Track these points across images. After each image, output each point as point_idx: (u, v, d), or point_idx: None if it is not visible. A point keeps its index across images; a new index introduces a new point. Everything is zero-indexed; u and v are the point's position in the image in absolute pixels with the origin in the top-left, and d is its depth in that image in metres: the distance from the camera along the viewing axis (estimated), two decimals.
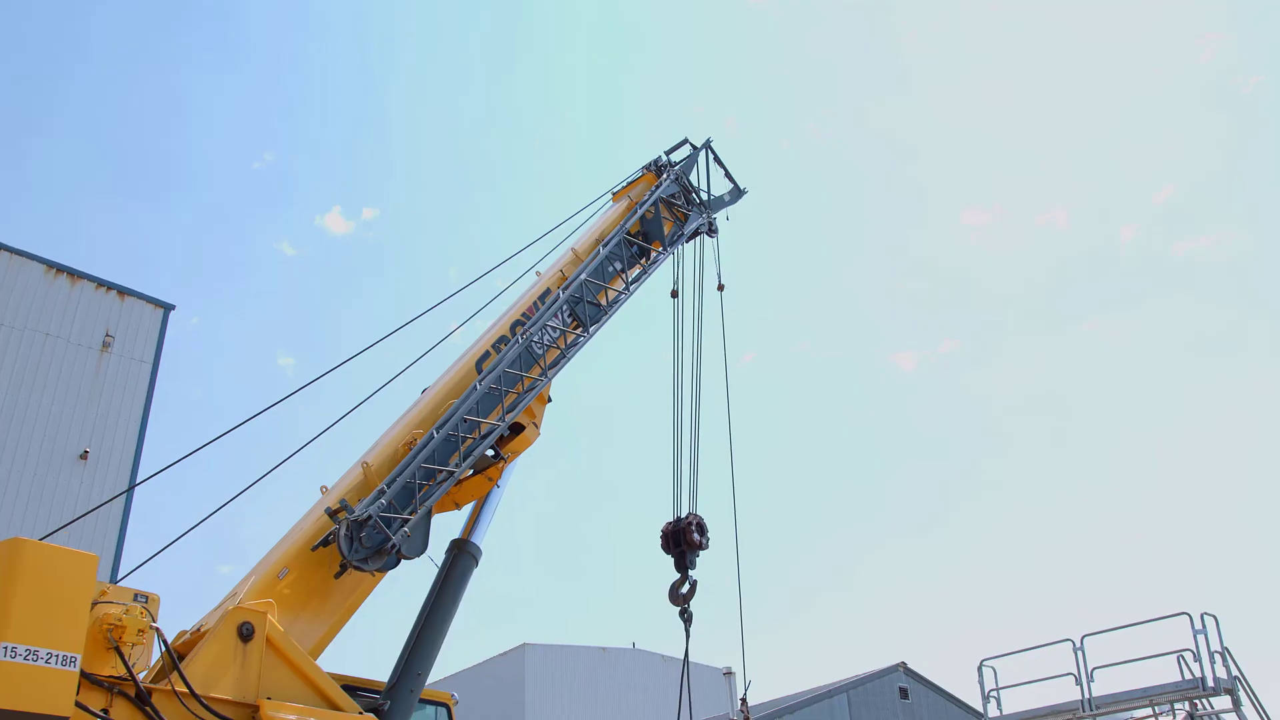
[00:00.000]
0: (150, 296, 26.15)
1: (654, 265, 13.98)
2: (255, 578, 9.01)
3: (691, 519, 13.61)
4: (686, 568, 13.49)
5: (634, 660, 47.11)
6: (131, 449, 24.72)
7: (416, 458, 10.09)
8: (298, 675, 8.58)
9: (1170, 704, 14.67)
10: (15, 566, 6.75)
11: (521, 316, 12.12)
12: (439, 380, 11.55)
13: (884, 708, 35.89)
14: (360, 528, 9.36)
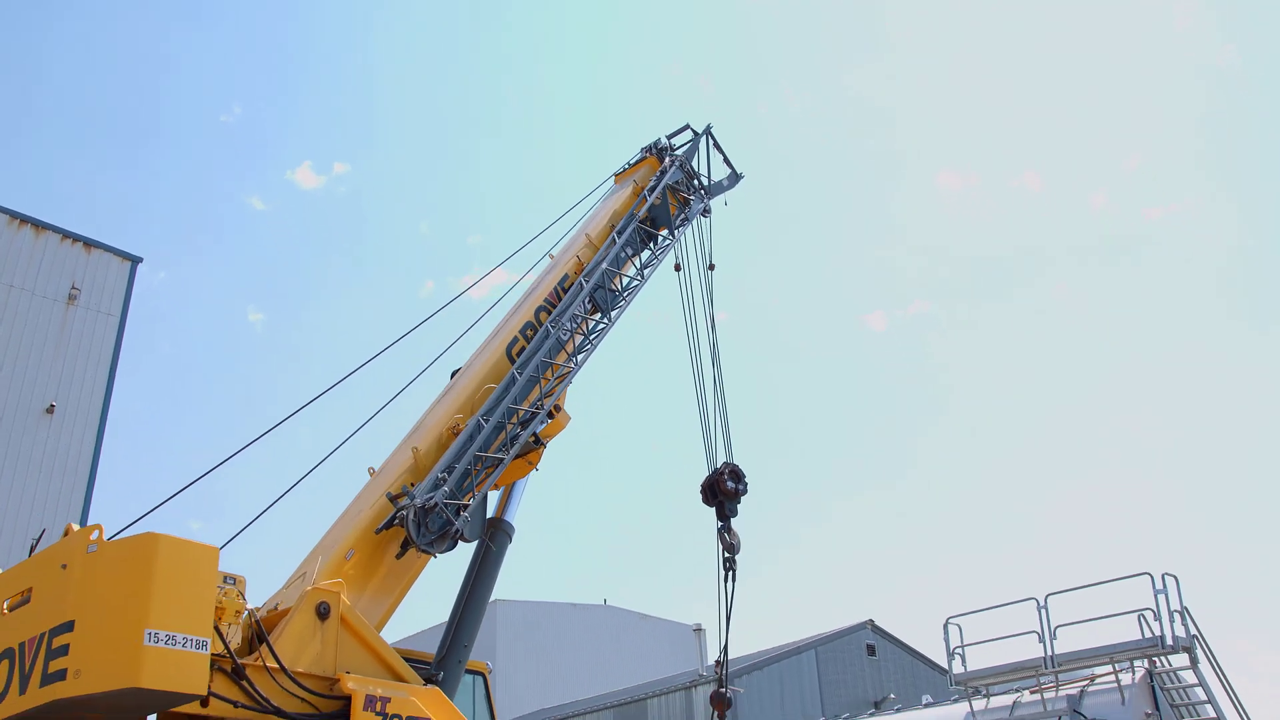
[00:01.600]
0: (117, 249, 25.86)
1: (664, 251, 14.53)
2: (323, 559, 9.42)
3: (724, 468, 13.82)
4: (727, 517, 13.68)
5: (605, 617, 47.59)
6: (99, 403, 24.53)
7: (470, 446, 10.62)
8: (368, 650, 9.08)
9: (1130, 661, 14.72)
10: (152, 559, 7.21)
11: (545, 302, 12.65)
12: (470, 365, 12.04)
13: (851, 664, 36.44)
14: (426, 514, 9.82)
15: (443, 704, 9.27)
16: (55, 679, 6.90)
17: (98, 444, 24.25)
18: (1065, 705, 14.50)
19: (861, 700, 33.04)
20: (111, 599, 7.05)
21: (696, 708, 33.20)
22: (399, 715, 8.64)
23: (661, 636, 51.36)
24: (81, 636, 6.95)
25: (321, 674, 8.55)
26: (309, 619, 8.59)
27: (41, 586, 7.45)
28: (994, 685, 16.02)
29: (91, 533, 7.34)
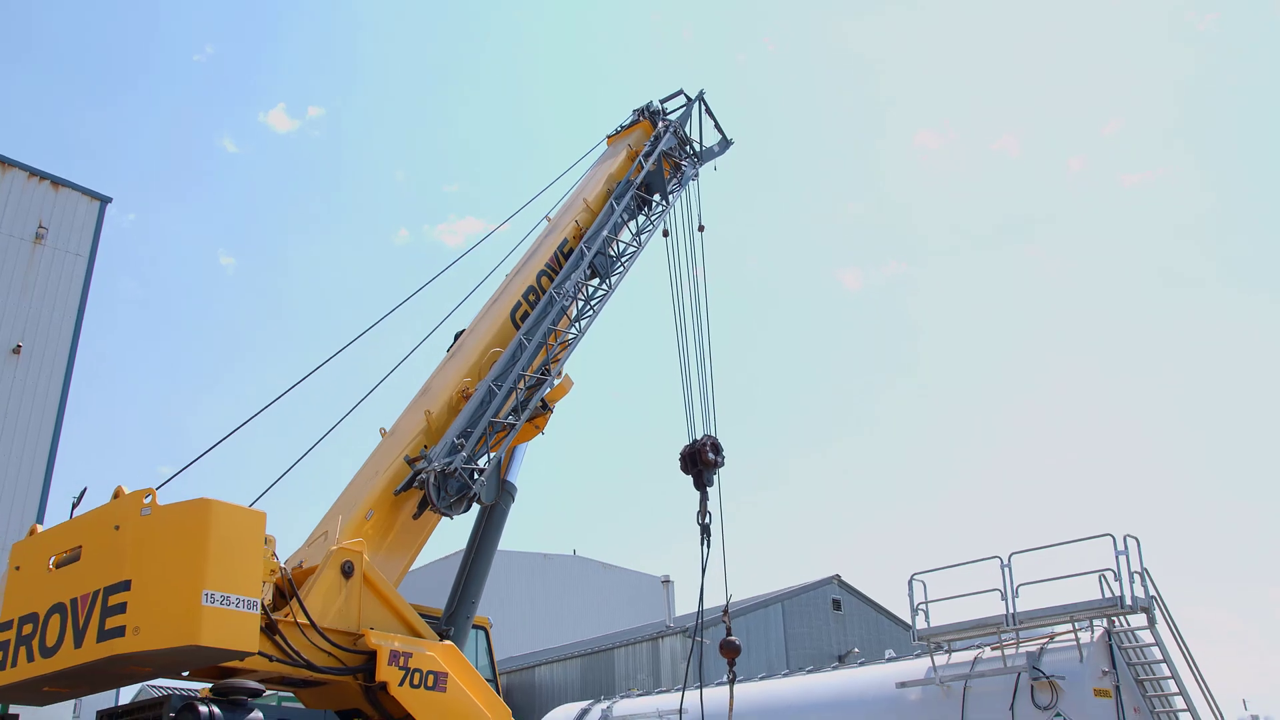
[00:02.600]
0: (86, 188, 25.88)
1: (659, 217, 15.01)
2: (343, 518, 9.87)
3: (706, 440, 14.41)
4: (704, 485, 14.33)
5: (574, 567, 48.24)
6: (66, 344, 24.70)
7: (484, 412, 11.14)
8: (388, 607, 9.61)
9: (1089, 620, 15.27)
10: (206, 523, 7.71)
11: (546, 267, 13.10)
12: (475, 328, 12.49)
13: (817, 618, 37.03)
14: (445, 479, 10.40)
15: (458, 658, 9.88)
16: (113, 635, 7.38)
17: (65, 385, 24.47)
18: (1025, 662, 15.00)
19: (826, 654, 33.79)
20: (168, 561, 7.53)
21: (663, 658, 33.88)
22: (420, 669, 9.26)
23: (630, 587, 52.27)
24: (139, 595, 7.42)
25: (346, 630, 9.09)
26: (335, 577, 9.10)
27: (92, 546, 7.88)
28: (956, 641, 16.62)
29: (144, 496, 7.78)
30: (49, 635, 7.84)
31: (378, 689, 9.14)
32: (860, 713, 17.01)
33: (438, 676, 9.42)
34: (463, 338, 12.53)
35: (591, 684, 35.06)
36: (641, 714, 20.42)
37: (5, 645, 8.19)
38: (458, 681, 9.63)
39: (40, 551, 8.35)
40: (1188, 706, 14.92)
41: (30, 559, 8.41)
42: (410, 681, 9.16)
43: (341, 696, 9.49)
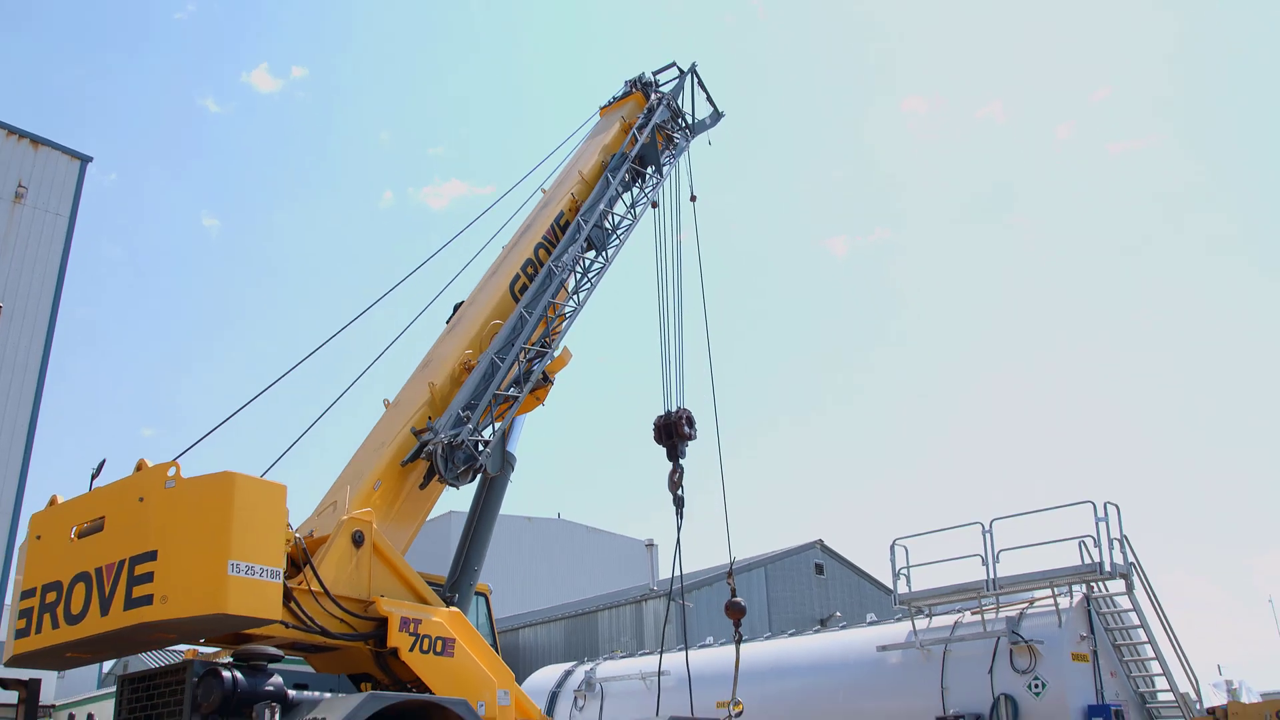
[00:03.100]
0: (66, 147, 25.84)
1: (654, 190, 15.29)
2: (352, 488, 10.12)
3: (682, 413, 14.77)
4: (678, 457, 14.70)
5: (558, 530, 48.66)
6: (48, 305, 24.75)
7: (488, 384, 11.44)
8: (396, 575, 9.94)
9: (1069, 586, 15.70)
10: (230, 495, 8.00)
11: (543, 240, 13.35)
12: (475, 300, 12.76)
13: (800, 582, 37.61)
14: (453, 450, 10.71)
15: (464, 625, 10.25)
16: (141, 603, 7.70)
17: (47, 347, 24.56)
18: (1004, 627, 15.45)
19: (808, 618, 34.21)
20: (193, 531, 7.83)
21: (646, 621, 34.41)
22: (429, 635, 9.63)
23: (613, 551, 52.84)
24: (166, 565, 7.73)
25: (357, 597, 9.41)
26: (346, 546, 9.41)
27: (116, 517, 8.18)
28: (937, 606, 17.08)
29: (168, 469, 8.07)
30: (74, 603, 8.14)
31: (388, 654, 9.48)
32: (841, 675, 17.45)
33: (445, 642, 9.79)
34: (462, 309, 12.78)
35: (575, 646, 35.57)
36: (625, 675, 20.84)
37: (29, 613, 8.49)
38: (464, 647, 10.01)
39: (61, 521, 8.63)
40: (1164, 672, 15.47)
41: (51, 529, 8.69)
42: (420, 647, 9.52)
43: (352, 661, 9.86)
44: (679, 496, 14.76)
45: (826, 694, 17.36)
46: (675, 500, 14.78)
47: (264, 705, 7.08)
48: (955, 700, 15.56)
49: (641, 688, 20.01)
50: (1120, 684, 15.55)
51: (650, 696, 19.20)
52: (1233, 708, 15.12)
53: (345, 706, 7.82)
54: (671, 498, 14.81)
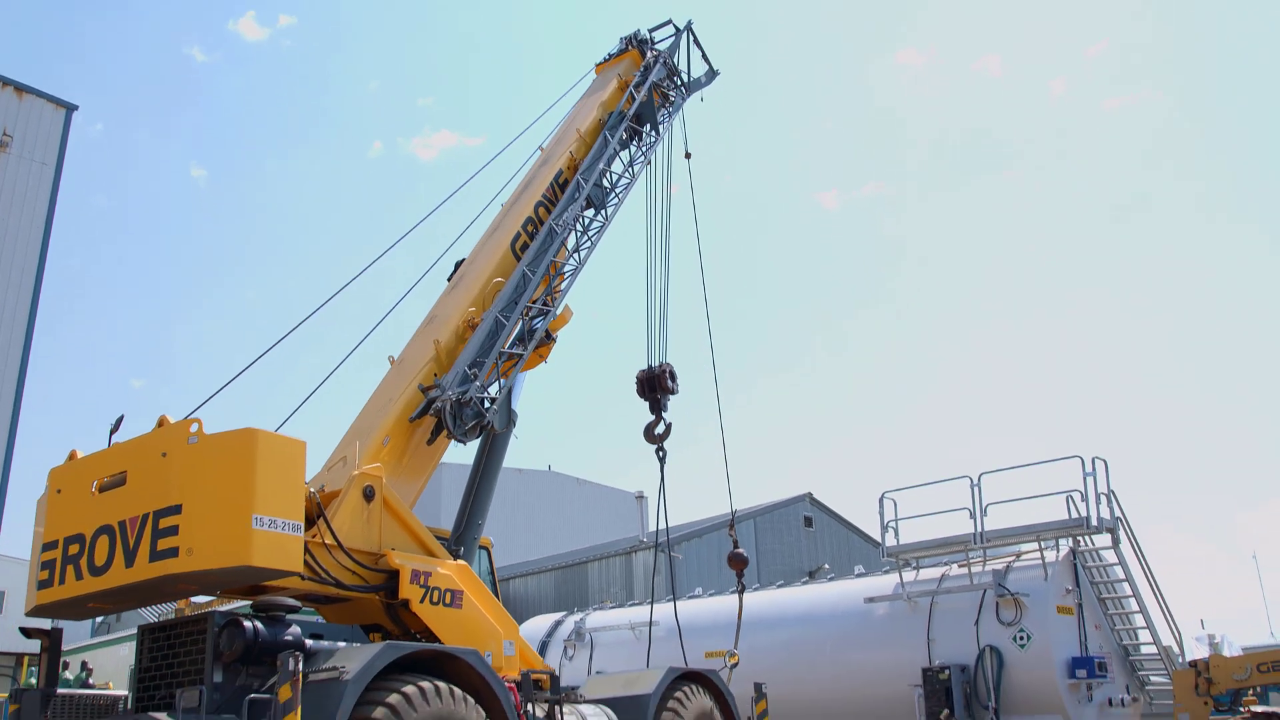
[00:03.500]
0: (51, 96, 25.70)
1: (650, 149, 15.43)
2: (361, 444, 10.35)
3: (665, 367, 15.04)
4: (661, 411, 15.02)
5: (548, 482, 49.07)
6: (35, 255, 24.72)
7: (493, 342, 11.69)
8: (405, 528, 10.22)
9: (1055, 540, 16.15)
10: (253, 451, 8.25)
11: (543, 198, 13.53)
12: (476, 258, 12.96)
13: (789, 535, 38.17)
14: (461, 408, 10.97)
15: (471, 577, 10.60)
16: (166, 555, 7.97)
17: (34, 298, 24.63)
18: (990, 579, 15.91)
19: (797, 570, 34.79)
20: (217, 486, 8.09)
21: (635, 572, 34.92)
22: (438, 588, 9.96)
23: (604, 503, 53.37)
24: (191, 519, 7.99)
25: (369, 550, 9.71)
26: (357, 500, 9.68)
27: (138, 471, 8.42)
28: (924, 558, 17.57)
29: (190, 425, 8.32)
30: (98, 555, 8.42)
31: (400, 606, 9.81)
32: (829, 626, 17.88)
33: (454, 594, 10.12)
34: (463, 267, 12.98)
35: (565, 597, 36.09)
36: (614, 626, 21.23)
37: (51, 564, 8.76)
38: (471, 599, 10.35)
39: (81, 476, 8.88)
40: (1147, 625, 16.03)
41: (71, 483, 8.93)
42: (430, 599, 9.85)
43: (362, 612, 10.17)
44: (661, 450, 15.08)
45: (814, 645, 17.79)
46: (657, 453, 15.10)
47: (288, 654, 7.39)
48: (941, 651, 15.98)
49: (631, 638, 20.38)
50: (1104, 636, 16.04)
51: (639, 646, 19.53)
52: (1214, 661, 15.59)
53: (363, 656, 8.11)
54: (654, 450, 15.11)
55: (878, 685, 16.73)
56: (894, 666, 16.43)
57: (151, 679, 8.82)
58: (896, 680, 16.23)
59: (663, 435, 15.04)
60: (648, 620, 20.01)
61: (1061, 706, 14.90)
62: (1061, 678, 14.99)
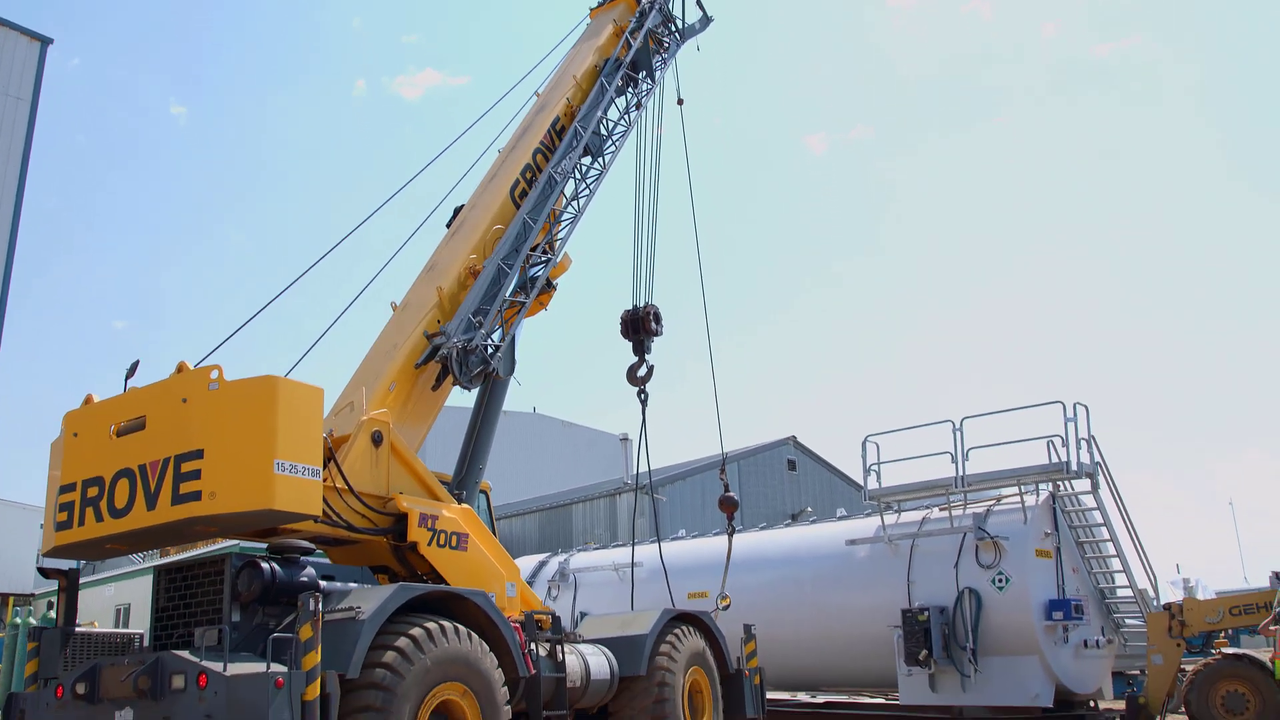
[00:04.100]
0: (25, 28, 25.43)
1: (647, 95, 15.56)
2: (367, 390, 10.62)
3: (649, 309, 15.30)
4: (644, 352, 15.31)
5: (534, 424, 49.40)
6: (12, 194, 24.61)
7: (497, 290, 11.95)
8: (411, 473, 10.57)
9: (1035, 484, 16.37)
10: (274, 398, 8.50)
11: (540, 145, 13.64)
12: (475, 205, 13.13)
13: (772, 478, 38.82)
14: (467, 355, 11.26)
15: (475, 521, 11.03)
16: (189, 499, 8.27)
17: (12, 237, 24.63)
18: (971, 523, 16.18)
19: (780, 513, 35.35)
20: (239, 432, 8.36)
21: (620, 514, 35.43)
22: (445, 531, 10.36)
23: (588, 445, 53.79)
24: (213, 463, 8.28)
25: (377, 494, 10.07)
26: (366, 445, 10.01)
27: (158, 417, 8.70)
28: (906, 501, 17.77)
29: (211, 372, 8.59)
30: (118, 498, 8.72)
31: (408, 549, 10.21)
32: (810, 568, 18.18)
33: (460, 537, 10.54)
34: (462, 214, 13.17)
35: (550, 538, 36.64)
36: (598, 567, 21.56)
37: (69, 506, 9.06)
38: (476, 542, 10.78)
39: (98, 420, 9.16)
40: (1124, 569, 16.42)
41: (88, 426, 9.21)
42: (437, 542, 10.26)
43: (369, 554, 10.57)
44: (643, 392, 15.39)
45: (796, 586, 18.11)
46: (639, 395, 15.42)
47: (309, 595, 7.76)
48: (921, 593, 16.30)
49: (614, 578, 20.71)
50: (1081, 579, 16.47)
51: (623, 587, 19.75)
52: (1187, 604, 16.04)
53: (378, 597, 8.49)
54: (636, 392, 15.43)
55: (858, 626, 17.03)
56: (874, 608, 16.72)
57: (169, 618, 9.21)
58: (877, 621, 16.53)
59: (645, 377, 15.31)
60: (631, 562, 20.53)
61: (1038, 647, 15.25)
62: (1038, 619, 15.32)
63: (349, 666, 7.96)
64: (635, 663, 11.74)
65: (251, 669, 7.72)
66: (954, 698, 15.78)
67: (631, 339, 15.40)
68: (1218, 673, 15.22)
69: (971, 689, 15.55)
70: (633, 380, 15.40)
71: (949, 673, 15.67)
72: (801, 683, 18.96)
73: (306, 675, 7.59)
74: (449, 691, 8.71)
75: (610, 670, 11.71)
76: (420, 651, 8.45)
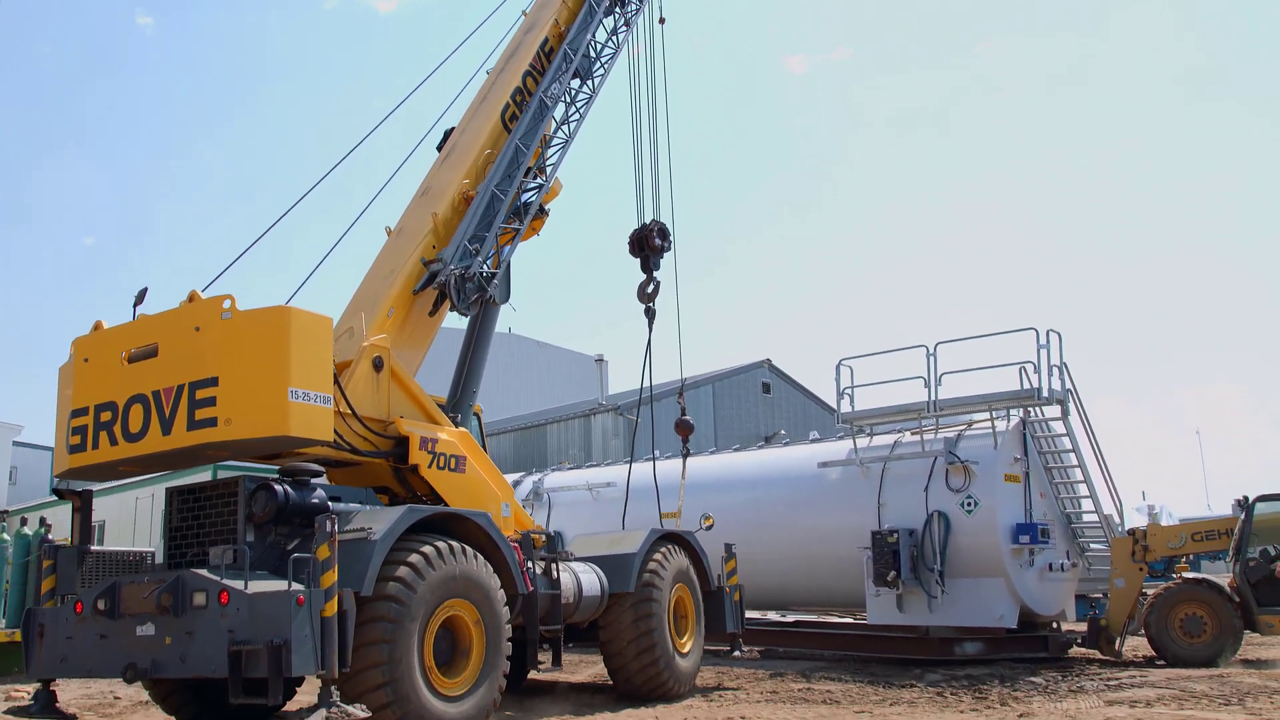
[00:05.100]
0: None
1: (635, 14, 15.53)
2: (366, 315, 10.89)
3: (654, 225, 15.56)
4: (651, 269, 15.61)
5: (509, 345, 49.56)
6: None
7: (492, 217, 12.15)
8: (410, 397, 10.92)
9: (1006, 410, 16.78)
10: (287, 327, 8.80)
11: (529, 68, 13.71)
12: (466, 129, 13.23)
13: (746, 400, 39.37)
14: (464, 281, 11.52)
15: (472, 443, 11.46)
16: (205, 425, 8.65)
17: None
18: (942, 447, 16.57)
19: (753, 435, 35.71)
20: (253, 360, 8.71)
21: (594, 434, 36.06)
22: (444, 453, 10.81)
23: (564, 366, 54.33)
24: (228, 391, 8.64)
25: (379, 418, 10.47)
26: (368, 371, 10.39)
27: (170, 344, 9.02)
28: (878, 425, 18.13)
29: (223, 301, 8.90)
30: (132, 422, 9.08)
31: (409, 471, 10.66)
32: (783, 489, 18.64)
33: (459, 460, 11.00)
34: (453, 137, 13.32)
35: (524, 458, 37.12)
36: (572, 486, 22.07)
37: (82, 430, 9.42)
38: (474, 464, 11.24)
39: (108, 346, 9.47)
40: (1090, 494, 16.96)
41: (98, 352, 9.52)
42: (437, 464, 10.70)
43: (370, 476, 11.01)
44: (650, 308, 15.69)
45: (768, 507, 18.57)
46: (646, 312, 15.73)
47: (325, 517, 8.15)
48: (891, 516, 16.77)
49: (588, 498, 21.24)
50: (1049, 505, 17.00)
51: (596, 506, 20.46)
52: (1151, 529, 16.57)
53: (388, 518, 8.94)
54: (643, 309, 15.75)
55: (828, 547, 17.47)
56: (844, 529, 17.13)
57: (182, 537, 9.63)
58: (846, 542, 16.94)
59: (652, 293, 15.62)
60: (604, 482, 20.99)
61: (1004, 570, 15.74)
62: (1005, 542, 15.79)
63: (363, 584, 8.42)
64: (624, 580, 12.28)
65: (272, 587, 8.15)
66: (920, 618, 16.22)
67: (638, 256, 15.68)
68: (1177, 596, 15.67)
69: (938, 609, 15.99)
70: (642, 297, 15.70)
71: (916, 593, 16.10)
72: (772, 602, 19.36)
73: (325, 593, 8.04)
74: (455, 608, 9.21)
75: (601, 587, 12.26)
76: (430, 569, 8.92)
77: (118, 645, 8.63)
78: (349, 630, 8.16)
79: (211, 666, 8.02)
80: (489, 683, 9.51)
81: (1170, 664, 15.31)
